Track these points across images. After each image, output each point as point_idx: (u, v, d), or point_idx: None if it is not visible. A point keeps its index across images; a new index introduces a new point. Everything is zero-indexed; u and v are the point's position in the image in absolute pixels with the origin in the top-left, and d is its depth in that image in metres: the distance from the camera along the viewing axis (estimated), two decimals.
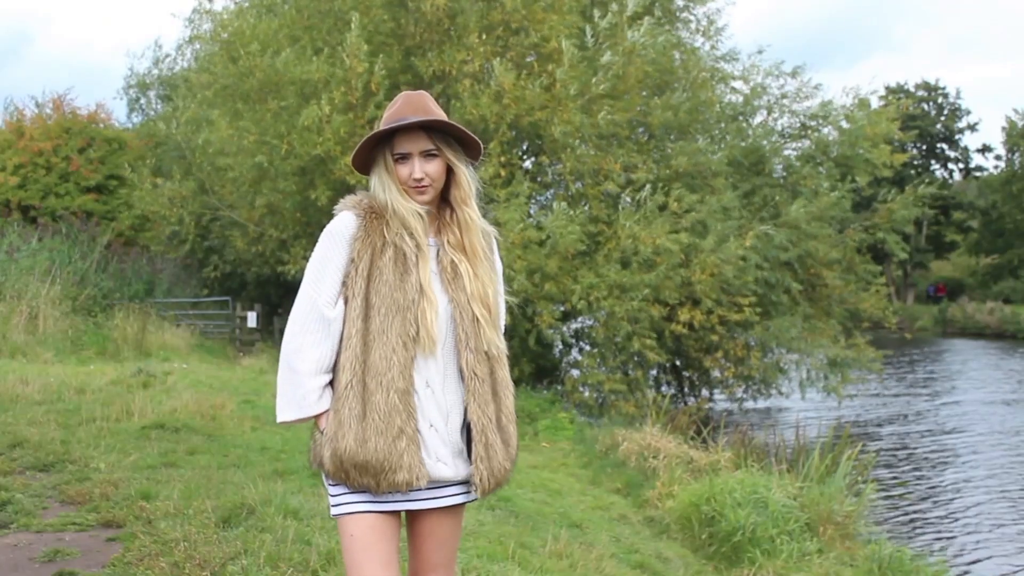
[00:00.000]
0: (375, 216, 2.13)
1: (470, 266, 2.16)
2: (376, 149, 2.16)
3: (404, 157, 2.12)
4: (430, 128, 2.12)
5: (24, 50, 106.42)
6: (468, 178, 2.18)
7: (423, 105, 2.13)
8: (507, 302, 2.36)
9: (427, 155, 2.11)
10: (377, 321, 2.07)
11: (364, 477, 2.06)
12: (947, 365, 24.75)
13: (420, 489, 2.11)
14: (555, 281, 11.77)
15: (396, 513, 2.15)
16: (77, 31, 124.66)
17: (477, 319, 2.13)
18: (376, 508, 2.09)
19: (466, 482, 2.16)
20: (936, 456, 12.31)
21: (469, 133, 2.15)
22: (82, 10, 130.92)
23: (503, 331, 2.28)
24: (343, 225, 2.13)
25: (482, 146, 2.22)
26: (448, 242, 2.18)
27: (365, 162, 2.19)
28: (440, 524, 2.19)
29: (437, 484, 2.13)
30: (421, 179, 2.11)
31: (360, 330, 2.08)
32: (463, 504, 2.22)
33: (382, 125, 2.14)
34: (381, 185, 2.14)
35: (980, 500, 9.93)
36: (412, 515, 2.20)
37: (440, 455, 2.11)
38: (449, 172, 2.17)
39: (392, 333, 2.06)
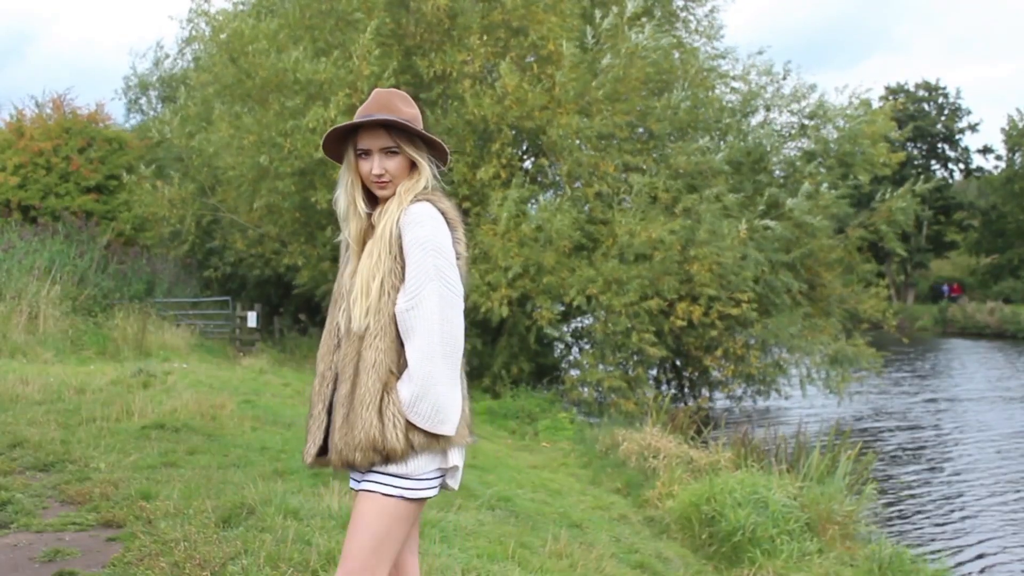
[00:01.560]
0: None
1: (372, 247, 2.13)
2: (345, 143, 2.23)
3: (366, 153, 2.18)
4: (392, 126, 2.15)
5: (25, 50, 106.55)
6: (427, 175, 2.19)
7: (389, 103, 2.18)
8: (500, 299, 2.36)
9: (387, 152, 2.17)
10: (330, 312, 2.26)
11: None
12: (947, 365, 24.75)
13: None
14: (552, 274, 11.76)
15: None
16: (79, 31, 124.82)
17: (348, 298, 2.15)
18: (352, 485, 2.20)
19: (377, 471, 2.07)
20: (936, 455, 12.32)
21: (428, 135, 2.19)
22: (84, 10, 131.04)
23: (422, 310, 2.03)
24: None
25: (447, 148, 2.26)
26: (374, 230, 2.19)
27: (339, 153, 2.26)
28: (355, 507, 2.11)
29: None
30: (381, 175, 2.17)
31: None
32: (376, 493, 2.06)
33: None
34: (341, 181, 2.24)
35: (980, 499, 9.93)
36: None
37: None
38: (413, 167, 2.21)
39: (328, 322, 2.22)
